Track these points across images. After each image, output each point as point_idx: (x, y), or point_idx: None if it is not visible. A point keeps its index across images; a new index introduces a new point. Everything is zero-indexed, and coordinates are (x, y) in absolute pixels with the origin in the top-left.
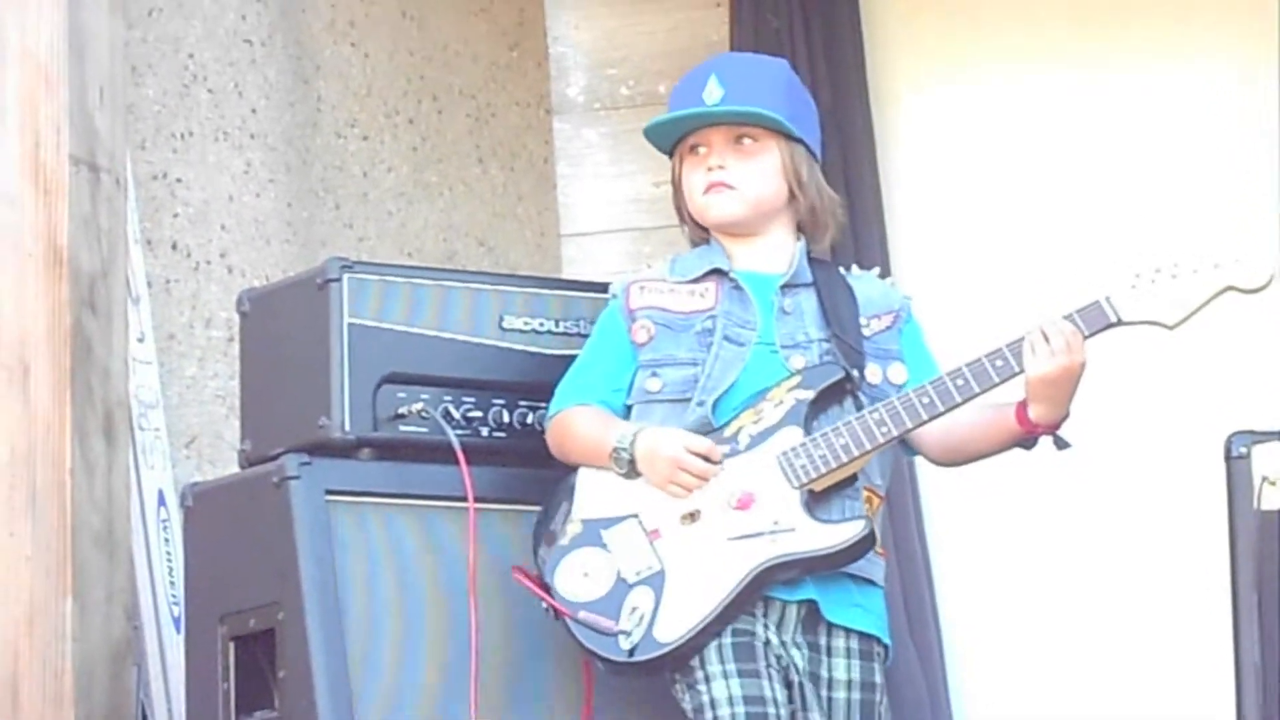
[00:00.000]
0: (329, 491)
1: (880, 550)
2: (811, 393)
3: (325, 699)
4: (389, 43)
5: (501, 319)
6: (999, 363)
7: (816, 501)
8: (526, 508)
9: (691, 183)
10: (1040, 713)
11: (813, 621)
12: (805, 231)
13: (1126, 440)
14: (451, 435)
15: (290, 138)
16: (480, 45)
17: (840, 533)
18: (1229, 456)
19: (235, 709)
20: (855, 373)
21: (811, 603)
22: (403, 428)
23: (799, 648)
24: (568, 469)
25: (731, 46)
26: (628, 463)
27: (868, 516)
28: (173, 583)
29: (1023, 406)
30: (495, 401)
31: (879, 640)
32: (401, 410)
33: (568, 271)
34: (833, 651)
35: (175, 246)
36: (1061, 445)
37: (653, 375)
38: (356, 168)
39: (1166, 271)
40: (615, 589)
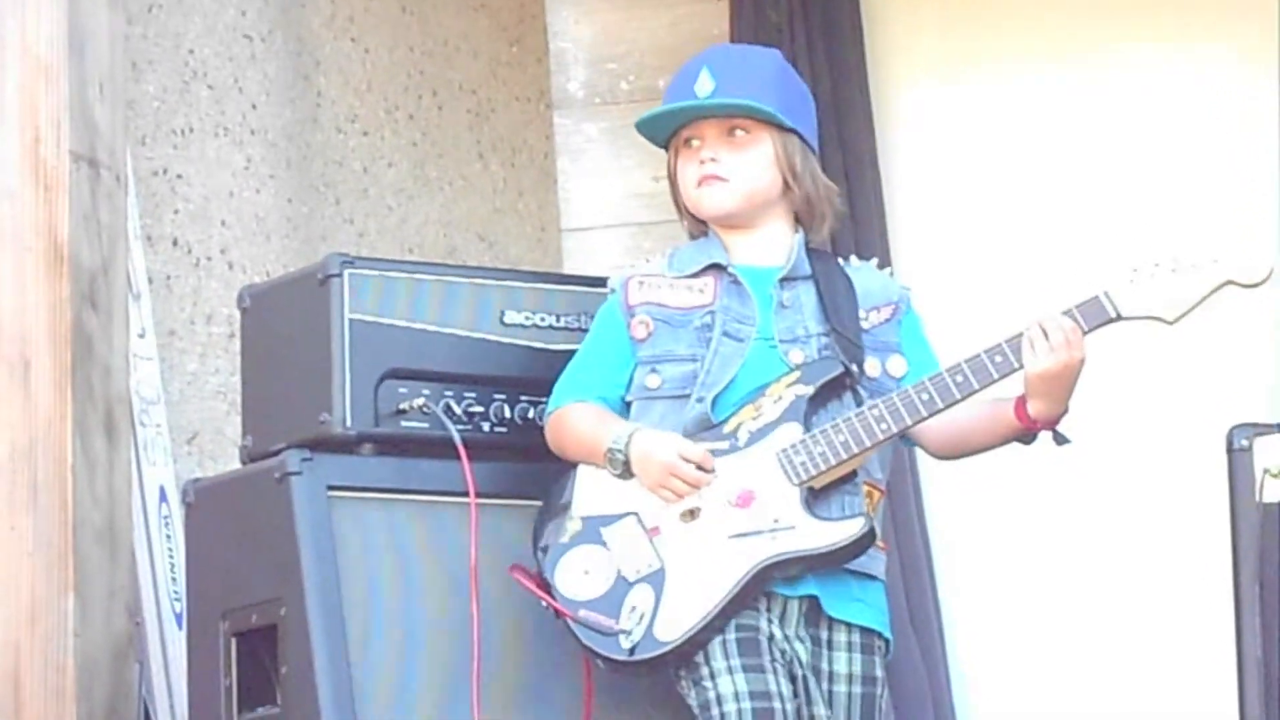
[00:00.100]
0: (330, 487)
1: (881, 544)
2: (810, 388)
3: (327, 695)
4: (389, 38)
5: (503, 314)
6: (998, 359)
7: (816, 498)
8: (528, 503)
9: (685, 176)
10: (1042, 705)
11: (814, 616)
12: (803, 222)
13: (1127, 434)
14: (453, 430)
15: (290, 133)
16: (480, 40)
17: (840, 531)
18: (1231, 449)
19: (237, 705)
20: (854, 367)
21: (813, 598)
22: (404, 423)
23: (801, 641)
24: (569, 465)
25: (732, 40)
26: (622, 464)
27: (867, 514)
28: (174, 579)
29: (1022, 402)
30: (496, 396)
31: (880, 634)
32: (403, 405)
33: (568, 266)
34: (834, 645)
35: (176, 242)
36: (1061, 441)
37: (652, 372)
38: (357, 163)
39: (1166, 266)
40: (615, 587)
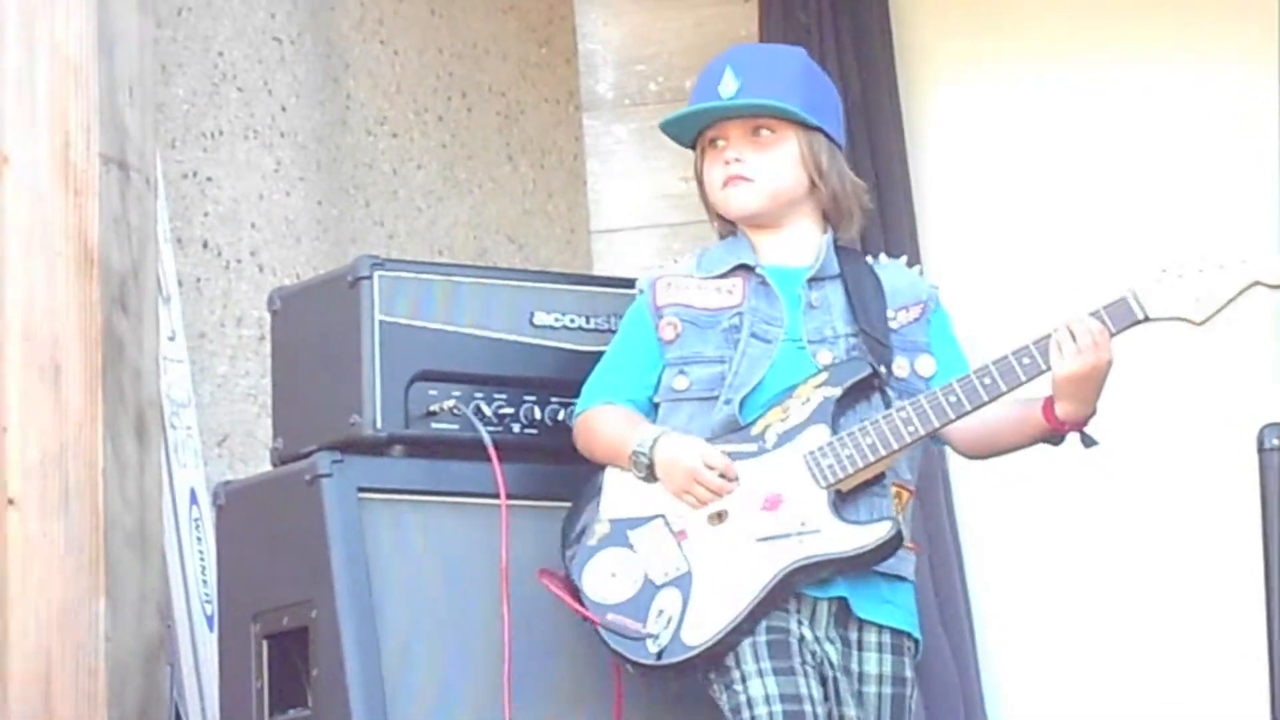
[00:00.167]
0: (361, 489)
1: (911, 545)
2: (838, 390)
3: (358, 697)
4: (418, 40)
5: (532, 315)
6: (1026, 360)
7: (844, 501)
8: (558, 504)
9: (711, 176)
10: (1073, 703)
11: (844, 617)
12: (831, 220)
13: (1157, 433)
14: (483, 432)
15: (320, 136)
16: (509, 42)
17: (867, 535)
18: (1262, 448)
19: (269, 707)
20: (882, 368)
21: (842, 599)
22: (434, 425)
23: (832, 642)
24: (598, 466)
25: (760, 41)
26: (646, 467)
27: (895, 517)
28: (205, 581)
29: (1050, 403)
30: (527, 398)
31: (909, 635)
32: (433, 407)
33: (598, 268)
34: (864, 646)
35: (206, 245)
36: (1089, 443)
37: (680, 373)
38: (386, 165)
39: (1193, 267)
40: (643, 590)
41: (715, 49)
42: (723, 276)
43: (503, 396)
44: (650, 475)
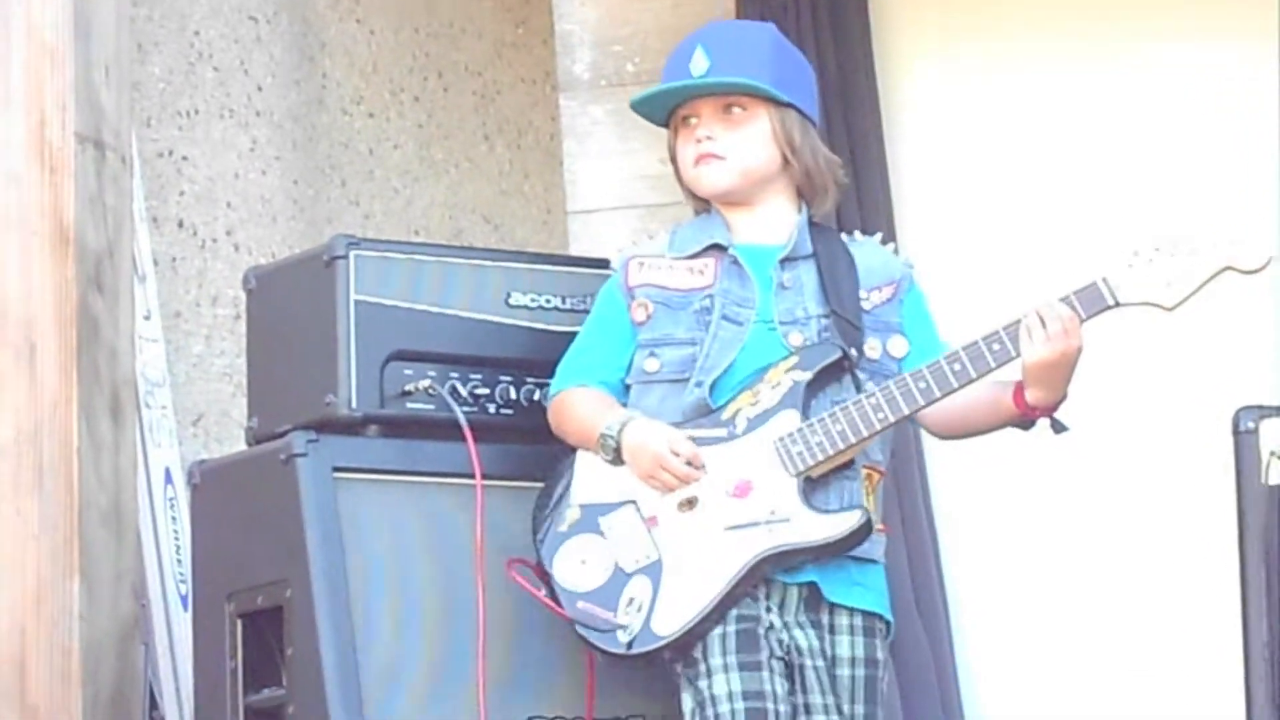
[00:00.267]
0: (336, 468)
1: (882, 526)
2: (808, 374)
3: (333, 676)
4: (395, 19)
5: (508, 296)
6: (995, 347)
7: (814, 488)
8: (534, 484)
9: (683, 155)
10: (1048, 688)
11: (814, 602)
12: (805, 196)
13: (1133, 417)
14: (458, 412)
15: (296, 115)
16: (486, 22)
17: (837, 524)
18: (1237, 431)
19: (243, 686)
20: (853, 351)
21: (812, 584)
22: (410, 405)
23: (801, 627)
24: (571, 448)
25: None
26: (614, 450)
27: (865, 505)
28: (180, 561)
29: (1020, 388)
30: (502, 378)
31: (881, 617)
32: (408, 387)
33: (574, 248)
34: (835, 630)
35: (181, 224)
36: (1059, 429)
37: (651, 355)
38: (362, 145)
39: (1165, 251)
40: (613, 579)
41: (692, 29)
42: (695, 256)
43: (478, 376)
44: (617, 459)
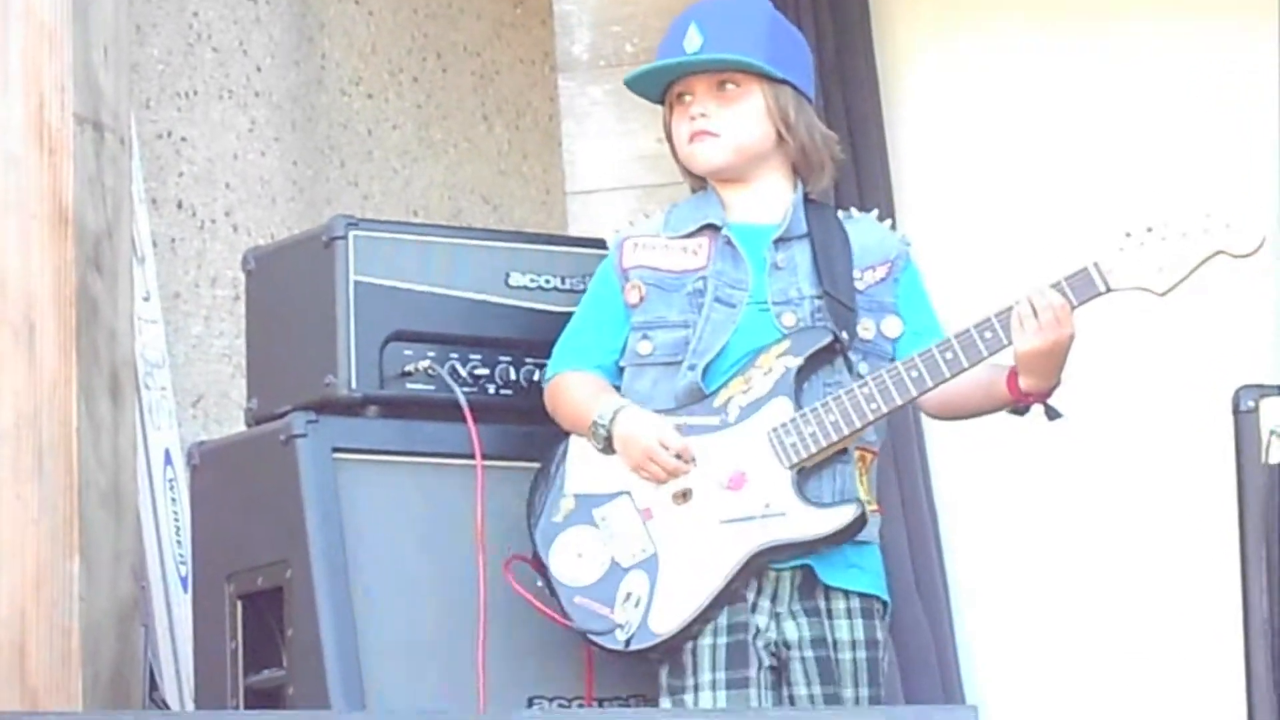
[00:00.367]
0: (336, 449)
1: (875, 507)
2: (799, 359)
3: (333, 657)
4: (393, 0)
5: (508, 276)
6: (988, 335)
7: (808, 478)
8: (533, 465)
9: (678, 132)
10: (1048, 669)
11: (810, 587)
12: (801, 173)
13: (1132, 398)
14: (458, 393)
15: (295, 96)
16: (484, 2)
17: (831, 519)
18: (1237, 410)
19: (243, 667)
20: (844, 334)
21: (807, 568)
22: (409, 385)
23: (794, 617)
24: (566, 431)
25: None
26: (604, 439)
27: (859, 499)
28: (179, 542)
29: (1013, 375)
30: (502, 359)
31: (878, 598)
32: (408, 368)
33: (573, 229)
34: (834, 614)
35: (180, 205)
36: (1053, 415)
37: (644, 338)
38: (361, 126)
39: (1156, 234)
40: (609, 574)
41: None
42: (689, 236)
43: (478, 357)
44: (608, 447)
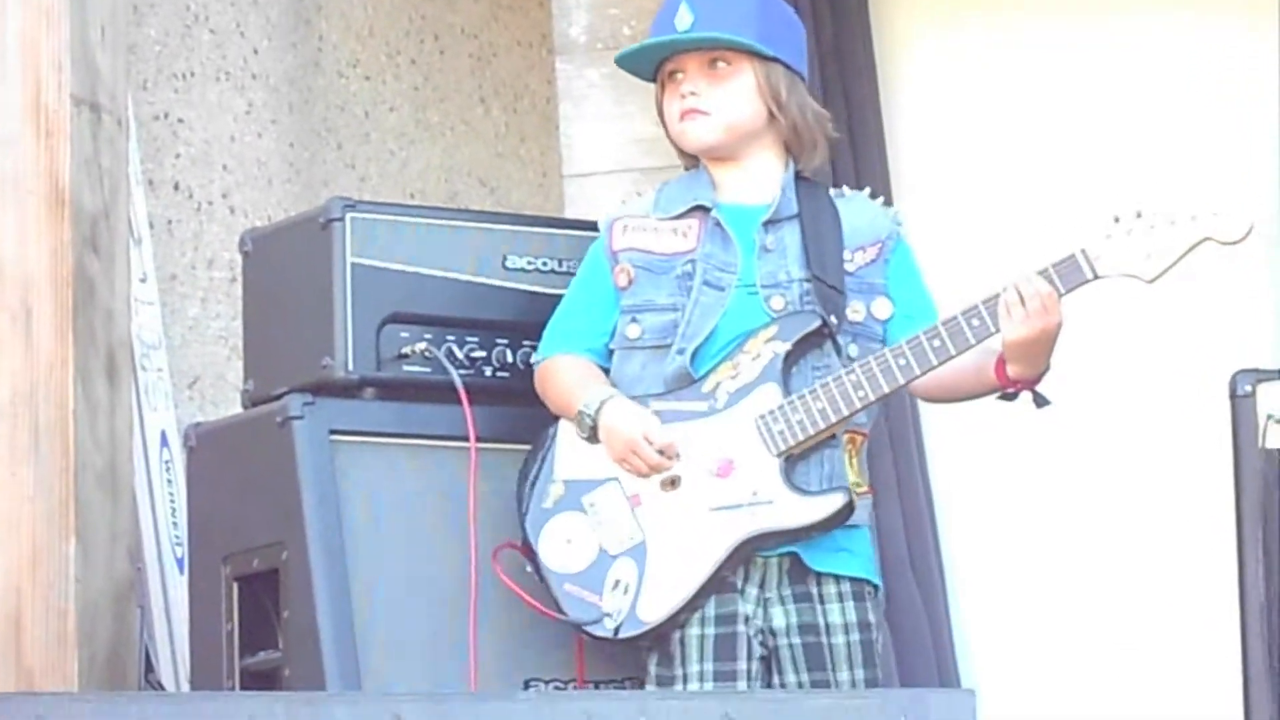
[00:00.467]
0: (332, 431)
1: (865, 489)
2: (787, 345)
3: (329, 639)
4: None
5: (505, 259)
6: (975, 323)
7: (796, 465)
8: (529, 447)
9: (670, 110)
10: (1043, 651)
11: (799, 573)
12: (793, 152)
13: (1128, 382)
14: (454, 375)
15: (292, 78)
16: None
17: (819, 508)
18: (1234, 395)
19: (239, 649)
20: (832, 318)
21: (794, 555)
22: (406, 367)
23: (783, 603)
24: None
25: None
26: (590, 428)
27: (846, 487)
28: (175, 523)
29: (1002, 362)
30: (498, 341)
31: (869, 582)
32: (405, 350)
33: (570, 212)
34: (825, 599)
35: (177, 187)
36: (1041, 403)
37: (633, 321)
38: (358, 108)
39: (1145, 221)
40: (598, 561)
41: None
42: (679, 217)
43: (474, 339)
44: (593, 436)
